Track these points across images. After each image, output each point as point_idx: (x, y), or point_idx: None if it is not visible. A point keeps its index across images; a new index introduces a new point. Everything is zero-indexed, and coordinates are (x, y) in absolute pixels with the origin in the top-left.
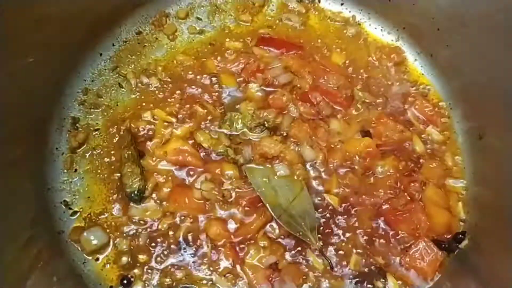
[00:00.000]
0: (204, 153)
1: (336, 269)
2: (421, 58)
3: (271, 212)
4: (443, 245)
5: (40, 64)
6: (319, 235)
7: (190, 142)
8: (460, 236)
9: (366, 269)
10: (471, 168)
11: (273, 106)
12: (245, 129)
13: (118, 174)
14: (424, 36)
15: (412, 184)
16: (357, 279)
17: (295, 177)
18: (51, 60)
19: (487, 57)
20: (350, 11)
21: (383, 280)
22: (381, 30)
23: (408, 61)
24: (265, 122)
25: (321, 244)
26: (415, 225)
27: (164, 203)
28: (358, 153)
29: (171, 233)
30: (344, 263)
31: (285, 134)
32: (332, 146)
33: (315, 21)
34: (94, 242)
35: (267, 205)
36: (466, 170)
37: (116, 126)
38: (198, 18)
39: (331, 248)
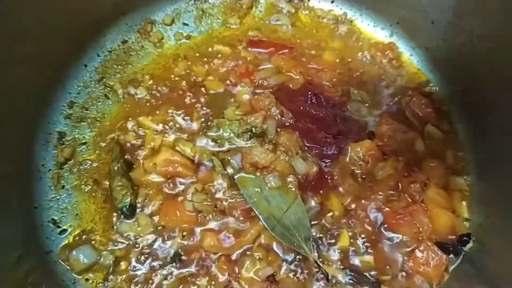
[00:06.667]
0: (194, 163)
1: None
2: (416, 53)
3: (264, 224)
4: (447, 248)
5: (23, 78)
6: (317, 242)
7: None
8: (465, 238)
9: (365, 273)
10: (474, 165)
11: (255, 108)
12: (232, 135)
13: (107, 189)
14: (418, 30)
15: (413, 185)
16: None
17: (288, 187)
18: (34, 74)
19: (484, 48)
20: (341, 9)
21: None
22: (374, 26)
23: (403, 56)
24: (253, 128)
25: (317, 254)
26: (418, 228)
27: (155, 216)
28: (361, 156)
29: (163, 247)
30: (343, 266)
31: (274, 141)
32: None
33: (305, 20)
34: (84, 261)
35: (260, 216)
36: (469, 167)
37: (104, 139)
38: (184, 24)
39: (332, 252)
